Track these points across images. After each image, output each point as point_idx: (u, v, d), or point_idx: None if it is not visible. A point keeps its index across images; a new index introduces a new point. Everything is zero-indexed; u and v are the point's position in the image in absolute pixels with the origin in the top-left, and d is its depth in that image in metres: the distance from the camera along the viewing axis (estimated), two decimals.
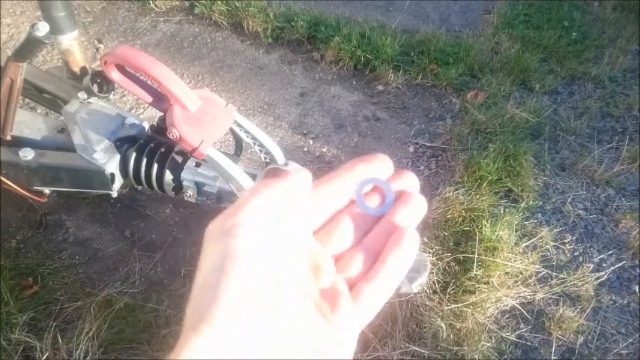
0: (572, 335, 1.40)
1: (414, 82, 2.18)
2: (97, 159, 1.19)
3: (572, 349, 1.39)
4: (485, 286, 1.41)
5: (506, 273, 1.46)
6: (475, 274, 1.41)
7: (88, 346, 1.23)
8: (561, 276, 1.51)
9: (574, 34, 2.43)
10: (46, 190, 1.34)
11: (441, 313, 1.35)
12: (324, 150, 1.91)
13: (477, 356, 1.30)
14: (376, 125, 2.02)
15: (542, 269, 1.52)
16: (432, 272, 1.42)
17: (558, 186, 1.80)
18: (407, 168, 1.84)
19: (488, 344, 1.33)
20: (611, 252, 1.62)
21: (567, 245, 1.62)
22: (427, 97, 2.15)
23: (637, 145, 1.93)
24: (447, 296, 1.38)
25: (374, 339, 1.30)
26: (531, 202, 1.71)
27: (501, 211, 1.63)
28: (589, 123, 2.04)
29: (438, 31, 2.32)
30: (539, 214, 1.71)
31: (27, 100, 1.80)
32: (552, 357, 1.35)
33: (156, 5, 2.46)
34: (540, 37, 2.36)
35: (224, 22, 2.40)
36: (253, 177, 1.22)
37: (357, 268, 0.29)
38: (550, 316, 1.43)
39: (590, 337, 1.41)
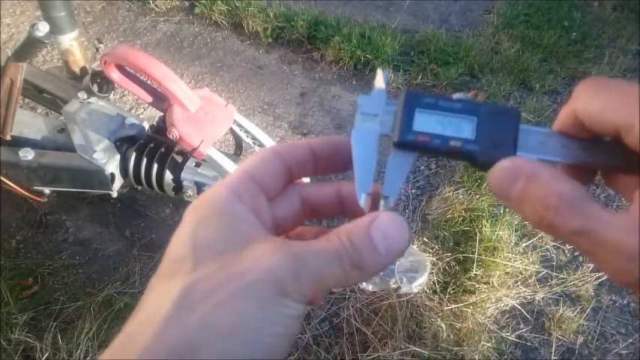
0: (572, 335, 1.40)
1: (414, 82, 2.18)
2: (97, 159, 1.19)
3: (572, 349, 1.39)
4: (485, 286, 1.41)
5: (507, 273, 1.46)
6: (475, 274, 1.41)
7: (88, 346, 1.23)
8: (561, 276, 1.51)
9: (574, 34, 2.43)
10: (46, 190, 1.34)
11: (441, 313, 1.35)
12: None
13: (476, 356, 1.30)
14: None
15: (542, 269, 1.52)
16: (432, 272, 1.42)
17: None
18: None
19: (488, 344, 1.33)
20: None
21: (567, 245, 1.62)
22: None
23: None
24: (447, 296, 1.38)
25: (374, 339, 1.30)
26: None
27: (501, 211, 1.63)
28: None
29: (438, 31, 2.32)
30: None
31: (27, 100, 1.80)
32: (552, 357, 1.35)
33: (156, 5, 2.46)
34: (540, 37, 2.36)
35: (224, 22, 2.40)
36: None
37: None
38: (550, 316, 1.43)
39: (590, 337, 1.41)
